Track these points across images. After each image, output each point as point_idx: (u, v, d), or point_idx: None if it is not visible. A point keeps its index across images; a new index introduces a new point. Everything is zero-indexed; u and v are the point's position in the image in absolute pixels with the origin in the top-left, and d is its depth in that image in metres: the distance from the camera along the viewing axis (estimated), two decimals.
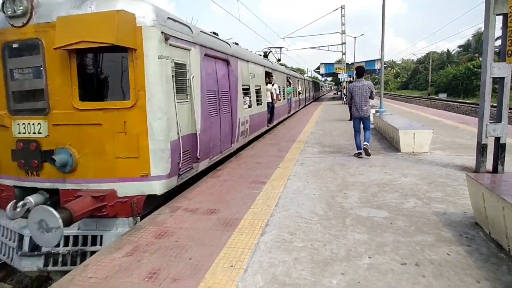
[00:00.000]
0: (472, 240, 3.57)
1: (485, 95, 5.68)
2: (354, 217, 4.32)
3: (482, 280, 2.85)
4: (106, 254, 3.64)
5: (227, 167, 7.42)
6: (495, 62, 5.57)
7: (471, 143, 8.27)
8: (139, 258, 3.51)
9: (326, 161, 7.51)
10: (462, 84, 49.47)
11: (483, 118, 5.71)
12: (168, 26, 5.03)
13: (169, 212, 4.81)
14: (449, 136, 10.26)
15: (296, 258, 3.34)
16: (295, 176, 6.39)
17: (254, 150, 9.44)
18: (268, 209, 4.71)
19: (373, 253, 3.37)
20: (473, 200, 4.06)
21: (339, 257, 3.34)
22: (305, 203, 4.91)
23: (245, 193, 5.50)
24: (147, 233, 4.14)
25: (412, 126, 8.71)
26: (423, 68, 75.55)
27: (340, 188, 5.54)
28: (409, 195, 5.04)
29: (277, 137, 11.81)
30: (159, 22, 4.75)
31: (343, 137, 10.98)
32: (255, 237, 3.85)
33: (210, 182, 6.27)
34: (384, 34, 13.38)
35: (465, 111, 26.67)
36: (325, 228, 4.03)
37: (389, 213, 4.39)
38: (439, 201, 4.74)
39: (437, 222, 4.06)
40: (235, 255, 3.48)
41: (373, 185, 5.60)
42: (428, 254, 3.31)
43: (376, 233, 3.83)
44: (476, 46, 60.30)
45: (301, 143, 10.04)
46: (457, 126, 12.62)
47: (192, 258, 3.45)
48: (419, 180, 5.77)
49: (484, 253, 3.30)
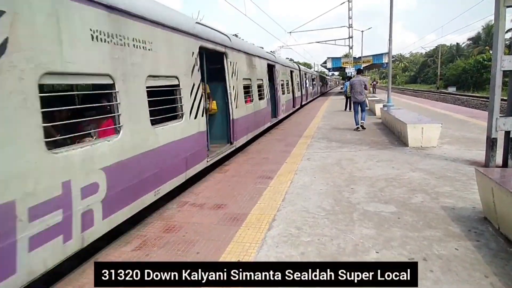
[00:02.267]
0: (481, 235, 3.54)
1: (495, 88, 5.60)
2: (361, 212, 4.31)
3: (491, 275, 2.83)
4: (115, 248, 3.68)
5: (234, 162, 7.43)
6: (506, 55, 5.48)
7: (481, 137, 8.17)
8: (148, 252, 3.54)
9: (333, 156, 7.48)
10: (472, 77, 48.76)
11: (493, 111, 5.63)
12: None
13: (177, 207, 4.85)
14: (458, 130, 10.15)
15: (303, 253, 3.35)
16: (302, 171, 6.38)
17: (261, 145, 9.44)
18: (275, 204, 4.72)
19: (380, 248, 3.36)
20: (482, 195, 4.02)
21: (346, 252, 3.34)
22: (312, 198, 4.90)
23: (252, 188, 5.51)
24: (155, 227, 4.18)
25: (420, 121, 8.63)
26: (432, 61, 74.77)
27: (347, 183, 5.52)
28: (417, 190, 5.01)
29: (284, 132, 11.79)
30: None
31: (350, 132, 10.92)
32: (262, 232, 3.87)
33: (217, 177, 6.29)
34: (392, 27, 13.27)
35: (475, 104, 26.35)
36: (332, 223, 4.02)
37: (396, 208, 4.37)
38: (447, 196, 4.70)
39: (445, 217, 4.03)
40: (242, 249, 3.49)
41: (381, 180, 5.57)
42: (436, 249, 3.29)
43: (384, 228, 3.81)
44: (486, 38, 59.44)
45: (308, 138, 10.00)
46: (466, 120, 12.47)
47: (200, 253, 3.48)
48: (427, 175, 5.72)
49: (493, 248, 3.27)
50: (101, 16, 3.59)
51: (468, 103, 28.56)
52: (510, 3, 5.33)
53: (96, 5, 3.51)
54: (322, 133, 10.87)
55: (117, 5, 3.81)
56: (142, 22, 4.33)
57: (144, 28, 4.37)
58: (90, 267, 3.30)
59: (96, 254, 3.58)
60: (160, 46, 4.73)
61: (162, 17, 4.85)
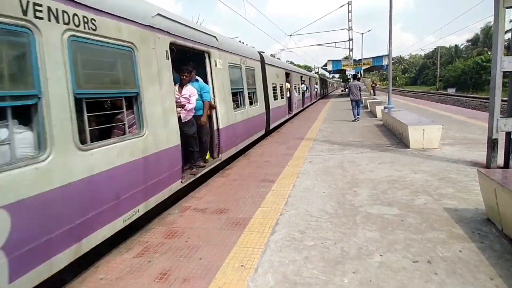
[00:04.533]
0: (485, 237, 3.52)
1: (495, 89, 5.59)
2: (364, 214, 4.29)
3: (496, 277, 2.81)
4: (116, 255, 3.66)
5: (236, 166, 7.43)
6: (505, 56, 5.48)
7: (482, 138, 8.16)
8: (150, 259, 3.53)
9: (335, 159, 7.47)
10: (471, 78, 48.85)
11: (494, 112, 5.62)
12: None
13: (179, 212, 4.83)
14: (459, 131, 10.13)
15: (307, 257, 3.33)
16: (304, 174, 6.36)
17: (262, 148, 9.44)
18: (277, 208, 4.71)
19: (384, 251, 3.35)
20: (485, 196, 4.01)
21: (350, 255, 3.32)
22: (315, 201, 4.89)
23: (254, 192, 5.50)
24: (157, 233, 4.17)
25: (421, 122, 8.62)
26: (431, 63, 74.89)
27: (349, 185, 5.51)
28: (420, 192, 4.99)
29: (286, 135, 11.79)
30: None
31: (352, 134, 10.92)
32: (265, 236, 3.85)
33: (219, 181, 6.28)
34: (392, 30, 13.28)
35: (475, 105, 26.32)
36: (336, 226, 4.01)
37: (399, 210, 4.35)
38: (450, 198, 4.69)
39: (448, 218, 4.01)
40: (246, 254, 3.48)
41: (383, 182, 5.56)
42: (440, 251, 3.27)
43: (387, 230, 3.80)
44: (485, 40, 59.59)
45: (310, 141, 10.00)
46: (467, 121, 12.46)
47: (203, 258, 3.46)
48: (429, 177, 5.71)
49: (497, 250, 3.25)
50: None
51: (467, 104, 28.54)
52: (510, 4, 5.34)
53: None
54: (324, 136, 10.87)
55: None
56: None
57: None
58: (90, 275, 3.29)
59: (97, 262, 3.57)
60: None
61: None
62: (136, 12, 4.46)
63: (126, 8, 4.24)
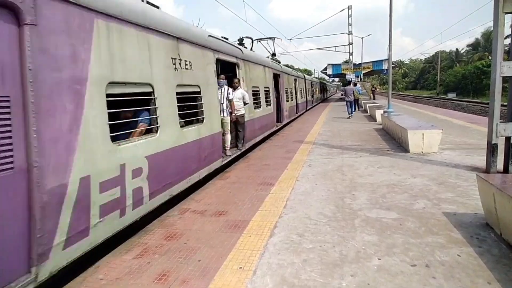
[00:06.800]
0: (483, 241, 3.53)
1: (495, 94, 5.61)
2: (363, 218, 4.30)
3: (494, 281, 2.81)
4: (116, 256, 3.67)
5: (235, 169, 7.44)
6: (505, 61, 5.50)
7: (481, 143, 8.17)
8: (149, 260, 3.54)
9: (334, 162, 7.48)
10: (472, 83, 48.95)
11: (493, 117, 5.64)
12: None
13: (178, 214, 4.84)
14: (458, 136, 10.15)
15: (305, 260, 3.34)
16: (303, 177, 6.38)
17: (262, 151, 9.45)
18: (276, 211, 4.71)
19: (382, 255, 3.35)
20: (484, 201, 4.02)
21: (348, 258, 3.33)
22: (314, 204, 4.90)
23: (253, 195, 5.51)
24: (157, 235, 4.18)
25: (421, 126, 8.63)
26: (432, 67, 75.02)
27: (348, 189, 5.52)
28: (419, 196, 5.00)
29: (285, 138, 11.80)
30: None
31: (351, 138, 10.94)
32: (264, 239, 3.86)
33: (218, 184, 6.29)
34: (392, 34, 13.34)
35: (475, 110, 26.38)
36: (334, 229, 4.01)
37: (398, 214, 4.36)
38: (449, 202, 4.69)
39: (447, 223, 4.02)
40: (244, 257, 3.48)
41: (382, 186, 5.57)
42: (439, 255, 3.28)
43: (386, 234, 3.80)
44: (485, 44, 59.69)
45: (309, 144, 10.02)
46: (467, 125, 12.48)
47: (201, 260, 3.47)
48: (428, 181, 5.72)
49: (495, 254, 3.26)
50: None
51: (468, 108, 28.60)
52: (509, 9, 5.37)
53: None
54: (323, 139, 10.88)
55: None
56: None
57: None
58: (90, 275, 3.30)
59: (96, 262, 3.57)
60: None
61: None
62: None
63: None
